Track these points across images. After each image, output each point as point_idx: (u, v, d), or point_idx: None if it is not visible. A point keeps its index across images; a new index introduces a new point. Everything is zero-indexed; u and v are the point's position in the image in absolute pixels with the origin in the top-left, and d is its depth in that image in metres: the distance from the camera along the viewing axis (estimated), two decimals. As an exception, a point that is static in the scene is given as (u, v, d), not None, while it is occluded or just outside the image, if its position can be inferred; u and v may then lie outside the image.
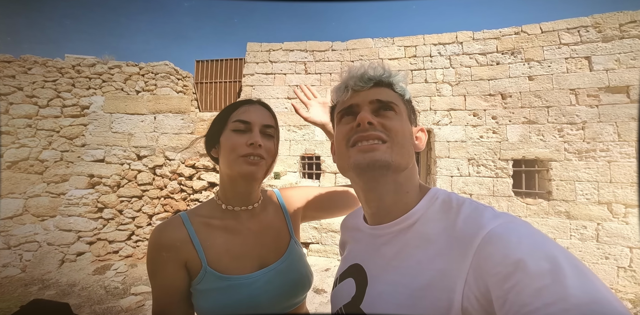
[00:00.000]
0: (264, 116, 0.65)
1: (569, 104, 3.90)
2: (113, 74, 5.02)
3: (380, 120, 0.45)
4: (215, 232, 0.62)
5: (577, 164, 3.77)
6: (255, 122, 0.63)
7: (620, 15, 3.75)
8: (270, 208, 0.71)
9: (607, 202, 3.57)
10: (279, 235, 0.68)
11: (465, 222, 0.38)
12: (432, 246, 0.40)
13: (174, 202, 3.88)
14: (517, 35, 4.25)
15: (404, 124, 0.46)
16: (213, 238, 0.62)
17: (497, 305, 0.31)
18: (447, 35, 4.55)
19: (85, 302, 2.87)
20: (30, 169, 4.63)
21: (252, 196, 0.67)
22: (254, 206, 0.67)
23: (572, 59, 3.96)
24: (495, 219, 0.36)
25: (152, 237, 0.60)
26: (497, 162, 4.10)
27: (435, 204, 0.44)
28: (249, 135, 0.61)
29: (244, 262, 0.62)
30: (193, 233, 0.60)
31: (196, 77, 5.69)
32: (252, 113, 0.63)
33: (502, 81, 4.23)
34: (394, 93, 0.48)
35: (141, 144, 3.99)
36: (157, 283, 0.59)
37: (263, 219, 0.68)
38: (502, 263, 0.31)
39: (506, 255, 0.31)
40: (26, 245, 3.78)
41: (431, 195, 0.46)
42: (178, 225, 0.61)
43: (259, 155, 0.61)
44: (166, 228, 0.61)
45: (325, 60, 4.98)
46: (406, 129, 0.47)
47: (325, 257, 3.59)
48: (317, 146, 4.82)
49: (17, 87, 4.77)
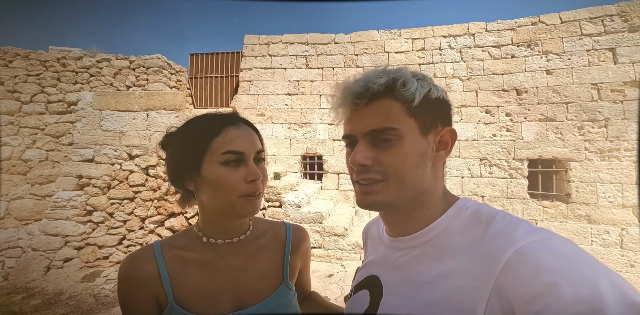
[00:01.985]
0: (254, 140, 0.58)
1: (590, 99, 3.82)
2: (102, 68, 4.93)
3: (380, 153, 0.42)
4: (188, 267, 0.59)
5: (598, 164, 3.70)
6: (250, 151, 0.56)
7: None
8: (266, 241, 0.65)
9: (632, 206, 3.52)
10: (267, 275, 0.62)
11: (495, 237, 0.37)
12: (453, 261, 0.39)
13: (168, 204, 3.80)
14: (535, 26, 4.17)
15: (410, 149, 0.42)
16: (185, 273, 0.59)
17: None
18: (458, 26, 4.47)
19: (74, 312, 2.79)
20: (13, 170, 4.56)
21: (241, 227, 0.62)
22: (239, 238, 0.62)
23: (594, 50, 3.88)
24: (530, 235, 0.34)
25: (121, 269, 0.59)
26: (512, 162, 4.03)
27: (462, 216, 0.43)
28: (244, 170, 0.55)
29: (217, 302, 0.58)
30: (163, 267, 0.58)
31: (190, 72, 5.66)
32: (244, 140, 0.56)
33: (517, 76, 4.16)
34: (397, 104, 0.42)
35: (133, 142, 3.90)
36: (125, 313, 0.60)
37: (251, 253, 0.62)
38: (531, 284, 0.30)
39: (537, 276, 0.30)
40: (8, 251, 3.66)
41: (458, 207, 0.44)
42: (148, 258, 0.58)
43: (260, 190, 0.56)
44: (135, 260, 0.59)
45: (328, 53, 4.93)
46: (414, 152, 0.42)
47: (328, 262, 3.52)
48: (319, 145, 4.78)
49: None
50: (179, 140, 0.58)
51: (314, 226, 3.59)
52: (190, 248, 0.61)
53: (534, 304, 0.28)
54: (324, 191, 4.66)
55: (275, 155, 4.92)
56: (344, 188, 4.61)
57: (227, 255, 0.61)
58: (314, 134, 4.84)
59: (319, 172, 4.84)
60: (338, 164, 4.72)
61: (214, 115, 0.59)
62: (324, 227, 3.59)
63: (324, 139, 4.79)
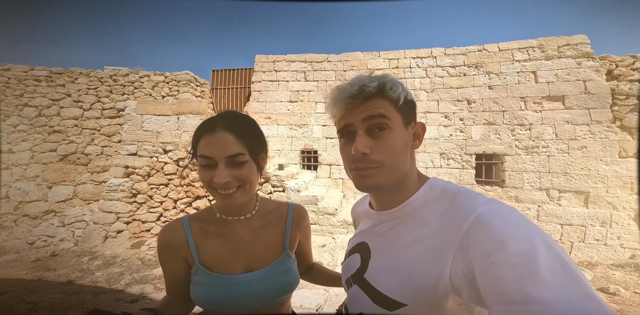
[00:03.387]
0: (227, 145, 0.55)
1: (519, 109, 4.33)
2: (143, 82, 5.41)
3: (375, 144, 0.44)
4: (209, 237, 0.64)
5: (524, 157, 4.20)
6: (219, 156, 0.55)
7: (558, 39, 4.27)
8: (271, 219, 0.69)
9: (546, 188, 4.05)
10: (270, 246, 0.66)
11: (460, 207, 0.40)
12: (427, 227, 0.42)
13: (195, 189, 4.16)
14: (480, 52, 4.67)
15: (397, 139, 0.45)
16: (206, 241, 0.64)
17: (477, 278, 0.33)
18: (424, 50, 4.97)
19: (126, 271, 3.20)
20: (78, 161, 5.04)
21: (245, 209, 0.66)
22: (246, 217, 0.66)
23: (522, 72, 4.40)
24: (486, 205, 0.38)
25: (159, 236, 0.64)
26: (463, 156, 4.49)
27: (433, 192, 0.46)
28: (213, 172, 0.55)
29: (231, 265, 0.63)
30: (190, 236, 0.63)
31: (212, 84, 5.97)
32: (214, 146, 0.55)
33: (468, 90, 4.62)
34: (386, 102, 0.45)
35: (167, 140, 4.27)
36: (165, 271, 0.66)
37: (257, 228, 0.66)
38: (486, 242, 0.33)
39: (490, 236, 0.33)
40: (77, 224, 4.13)
41: (429, 184, 0.48)
42: (178, 228, 0.64)
43: (228, 189, 0.56)
44: (168, 230, 0.64)
45: (322, 69, 5.29)
46: (400, 142, 0.45)
47: (322, 235, 3.88)
48: (314, 142, 5.10)
49: (66, 94, 5.17)
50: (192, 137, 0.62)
51: (310, 207, 3.92)
52: (210, 222, 0.65)
53: (488, 257, 0.32)
54: (319, 179, 4.96)
55: (280, 150, 5.19)
56: (335, 177, 4.92)
57: (237, 229, 0.65)
58: (310, 133, 5.13)
59: (314, 164, 5.12)
60: (330, 157, 4.98)
61: (205, 122, 0.58)
62: (318, 207, 3.94)
63: (319, 137, 5.08)
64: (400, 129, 0.46)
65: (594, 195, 3.85)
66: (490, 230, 0.34)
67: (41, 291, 2.77)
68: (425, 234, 0.42)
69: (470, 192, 0.43)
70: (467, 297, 0.36)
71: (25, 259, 3.53)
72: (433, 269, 0.39)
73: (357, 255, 0.53)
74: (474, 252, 0.35)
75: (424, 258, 0.41)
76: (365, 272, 0.49)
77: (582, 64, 4.17)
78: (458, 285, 0.37)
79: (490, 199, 0.40)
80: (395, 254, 0.45)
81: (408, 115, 0.48)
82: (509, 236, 0.33)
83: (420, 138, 0.50)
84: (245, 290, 0.61)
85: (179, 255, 0.64)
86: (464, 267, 0.36)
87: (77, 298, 2.67)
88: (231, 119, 0.59)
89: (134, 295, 2.75)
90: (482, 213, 0.37)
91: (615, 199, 3.76)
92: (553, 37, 4.35)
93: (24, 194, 4.78)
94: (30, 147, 4.98)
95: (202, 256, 0.63)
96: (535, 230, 0.34)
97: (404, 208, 0.48)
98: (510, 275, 0.30)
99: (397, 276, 0.43)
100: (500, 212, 0.37)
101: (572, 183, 3.98)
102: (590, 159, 3.96)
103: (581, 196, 3.93)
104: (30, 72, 5.14)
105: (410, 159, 0.48)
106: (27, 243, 3.93)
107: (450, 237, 0.38)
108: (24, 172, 4.91)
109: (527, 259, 0.30)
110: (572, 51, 4.24)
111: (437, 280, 0.38)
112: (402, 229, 0.47)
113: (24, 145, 4.97)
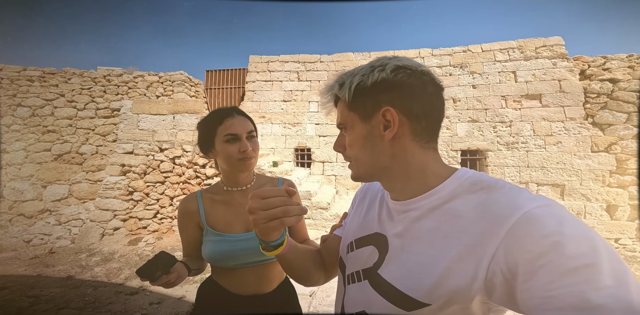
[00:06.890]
0: (246, 124, 0.75)
1: (500, 107, 4.47)
2: (137, 82, 5.40)
3: (343, 142, 0.48)
4: (216, 204, 0.79)
5: (505, 153, 4.35)
6: (242, 132, 0.73)
7: (536, 40, 4.44)
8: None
9: (525, 182, 4.20)
10: None
11: (501, 202, 0.36)
12: (460, 222, 0.38)
13: (190, 186, 4.19)
14: (465, 53, 4.79)
15: (355, 135, 0.45)
16: (214, 208, 0.78)
17: (521, 280, 0.30)
18: (413, 51, 5.07)
19: (124, 266, 3.25)
20: (72, 161, 5.03)
21: (245, 180, 0.81)
22: (246, 187, 0.81)
23: (503, 72, 4.54)
24: (534, 201, 0.35)
25: (179, 206, 0.81)
26: (450, 152, 4.62)
27: (464, 183, 0.42)
28: (239, 144, 0.73)
29: (233, 226, 0.77)
30: (201, 205, 0.78)
31: (206, 84, 5.96)
32: (237, 125, 0.73)
33: (453, 89, 4.75)
34: (343, 104, 0.46)
35: (163, 138, 4.30)
36: (182, 236, 0.80)
37: None
38: (538, 243, 0.30)
39: (543, 236, 0.30)
40: (73, 222, 4.16)
41: (459, 175, 0.43)
42: (193, 199, 0.80)
43: (250, 156, 0.74)
44: (185, 201, 0.80)
45: (315, 70, 5.34)
46: (358, 137, 0.44)
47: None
48: (308, 140, 5.15)
49: (59, 94, 5.11)
50: (203, 127, 0.78)
51: (304, 202, 3.90)
52: (217, 193, 0.81)
53: (540, 259, 0.29)
54: (312, 176, 5.02)
55: (274, 148, 5.21)
56: (327, 173, 4.96)
57: (239, 198, 0.80)
58: (304, 132, 5.17)
59: (307, 161, 5.17)
60: (323, 155, 5.03)
61: (220, 111, 0.77)
62: (312, 202, 3.97)
63: (312, 136, 5.12)
64: (357, 124, 0.45)
65: (569, 188, 4.03)
66: (543, 230, 0.31)
67: (42, 286, 2.83)
68: (459, 229, 0.38)
69: (511, 186, 0.39)
70: (498, 298, 0.34)
71: (23, 256, 3.54)
72: (468, 269, 0.36)
73: (372, 247, 0.49)
74: (521, 252, 0.32)
75: (458, 256, 0.37)
76: (380, 268, 0.45)
77: (557, 64, 4.34)
78: (492, 286, 0.34)
79: (537, 195, 0.37)
80: (421, 249, 0.41)
81: (367, 107, 0.44)
82: (565, 237, 0.30)
83: (393, 124, 0.42)
84: (243, 246, 0.74)
85: (193, 221, 0.79)
86: (504, 268, 0.33)
87: (78, 291, 2.73)
88: (238, 109, 0.80)
89: (133, 288, 2.80)
90: (533, 210, 0.34)
91: (589, 192, 3.94)
92: (531, 39, 4.50)
93: (18, 193, 4.75)
94: (25, 147, 4.94)
95: (209, 220, 0.78)
96: (594, 232, 0.31)
97: (426, 198, 0.43)
98: (566, 278, 0.28)
99: (423, 274, 0.39)
100: (553, 210, 0.34)
101: (549, 176, 4.15)
102: (565, 153, 4.10)
103: (557, 189, 4.11)
104: (22, 72, 5.09)
105: (391, 149, 0.43)
106: (23, 241, 3.92)
107: (490, 234, 0.35)
108: (19, 172, 4.87)
109: (588, 263, 0.28)
110: (548, 52, 4.41)
111: (472, 280, 0.35)
112: (428, 222, 0.42)
113: (18, 145, 4.93)
